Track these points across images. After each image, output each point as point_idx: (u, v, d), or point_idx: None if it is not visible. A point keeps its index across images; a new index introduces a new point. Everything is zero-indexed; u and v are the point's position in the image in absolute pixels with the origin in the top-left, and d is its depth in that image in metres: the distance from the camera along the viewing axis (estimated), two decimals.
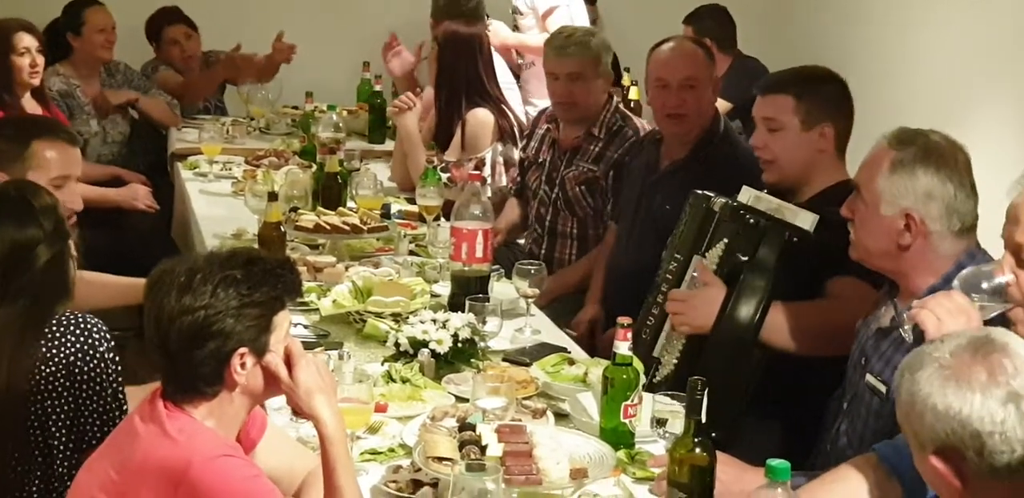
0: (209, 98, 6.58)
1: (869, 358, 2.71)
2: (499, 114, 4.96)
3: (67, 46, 5.78)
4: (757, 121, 3.38)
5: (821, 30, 6.46)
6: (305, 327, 3.36)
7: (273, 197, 3.91)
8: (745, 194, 3.21)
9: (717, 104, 4.54)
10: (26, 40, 4.93)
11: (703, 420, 2.22)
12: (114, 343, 2.68)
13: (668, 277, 3.26)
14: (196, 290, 2.10)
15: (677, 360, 3.17)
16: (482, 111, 4.94)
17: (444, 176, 4.58)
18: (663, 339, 3.23)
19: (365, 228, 4.06)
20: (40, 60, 4.97)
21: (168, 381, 2.16)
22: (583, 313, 4.18)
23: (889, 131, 2.73)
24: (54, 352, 2.61)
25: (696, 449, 2.21)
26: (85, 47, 5.80)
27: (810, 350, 3.06)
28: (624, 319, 2.68)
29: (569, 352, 3.25)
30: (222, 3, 6.90)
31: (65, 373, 2.61)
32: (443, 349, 3.07)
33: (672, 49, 4.01)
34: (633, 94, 6.17)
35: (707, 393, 2.23)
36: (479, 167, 3.81)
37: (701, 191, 3.25)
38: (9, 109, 4.82)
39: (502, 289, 3.61)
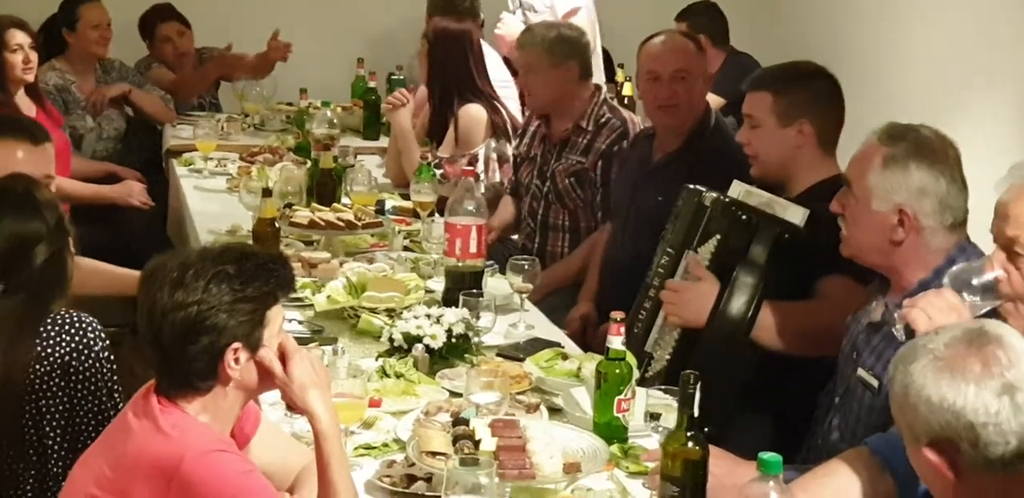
0: (204, 94, 6.58)
1: (861, 352, 2.72)
2: (492, 110, 4.97)
3: (63, 42, 5.79)
4: (744, 117, 3.41)
5: (813, 26, 6.46)
6: (299, 323, 3.36)
7: (268, 193, 3.92)
8: (736, 188, 3.22)
9: (711, 100, 4.55)
10: (18, 37, 4.93)
11: (696, 414, 2.22)
12: (109, 342, 2.68)
13: (660, 271, 3.27)
14: (189, 285, 2.10)
15: (670, 356, 3.18)
16: (475, 107, 4.95)
17: (437, 172, 4.59)
18: (655, 334, 3.24)
19: (359, 224, 4.06)
20: (33, 57, 4.97)
21: (161, 376, 2.16)
22: (575, 310, 4.18)
23: (879, 126, 2.74)
24: (49, 351, 2.61)
25: (689, 443, 2.21)
26: (80, 43, 5.81)
27: (799, 350, 3.08)
28: (617, 314, 2.69)
29: (563, 347, 3.25)
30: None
31: (60, 372, 2.61)
32: (437, 344, 3.07)
33: (663, 42, 4.04)
34: (627, 90, 6.17)
35: (699, 388, 2.23)
36: (472, 163, 3.80)
37: (693, 186, 3.26)
38: (2, 106, 4.83)
39: (496, 284, 3.61)
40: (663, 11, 6.28)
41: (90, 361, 2.63)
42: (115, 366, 2.69)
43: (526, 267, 3.44)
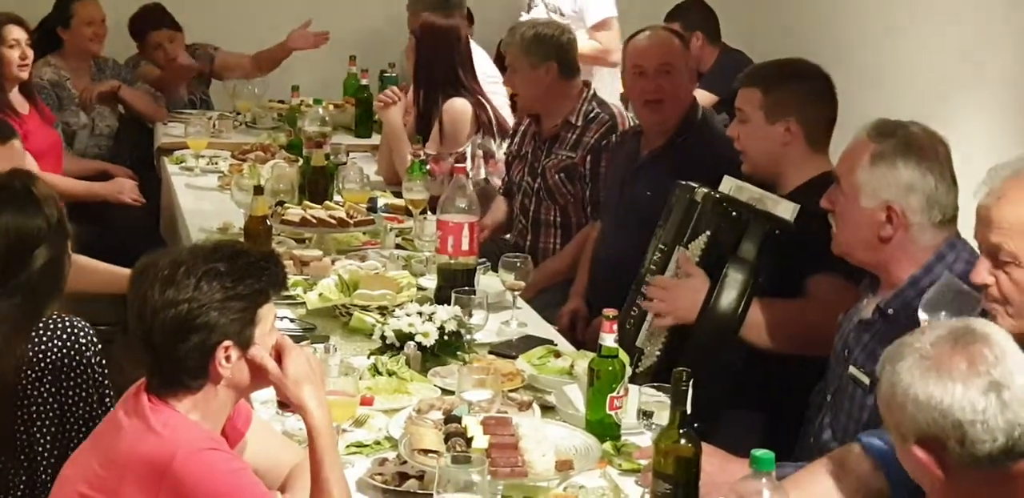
0: (194, 91, 6.56)
1: (852, 350, 2.72)
2: (477, 105, 4.93)
3: (58, 40, 5.79)
4: (736, 111, 3.42)
5: (806, 23, 6.46)
6: (291, 320, 3.36)
7: (259, 191, 3.91)
8: (727, 184, 3.22)
9: (703, 96, 4.55)
10: (15, 32, 4.93)
11: (688, 411, 2.22)
12: (101, 346, 2.66)
13: (652, 268, 3.27)
14: (180, 283, 2.09)
15: (660, 352, 3.18)
16: (460, 101, 4.90)
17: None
18: (646, 329, 3.23)
19: (351, 222, 4.06)
20: (29, 53, 4.97)
21: (152, 374, 2.15)
22: (565, 306, 4.19)
23: (868, 122, 2.73)
24: (40, 356, 2.59)
25: (681, 440, 2.21)
26: (74, 40, 5.82)
27: (788, 349, 3.08)
28: (610, 311, 2.69)
29: (555, 344, 3.25)
30: None
31: (51, 378, 2.60)
32: (429, 342, 3.07)
33: (647, 37, 4.06)
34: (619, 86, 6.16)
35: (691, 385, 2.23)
36: (461, 160, 3.80)
37: (685, 182, 3.27)
38: None
39: (488, 282, 3.61)
40: (655, 9, 6.26)
41: (81, 367, 2.62)
42: (107, 370, 2.67)
43: (518, 265, 3.44)
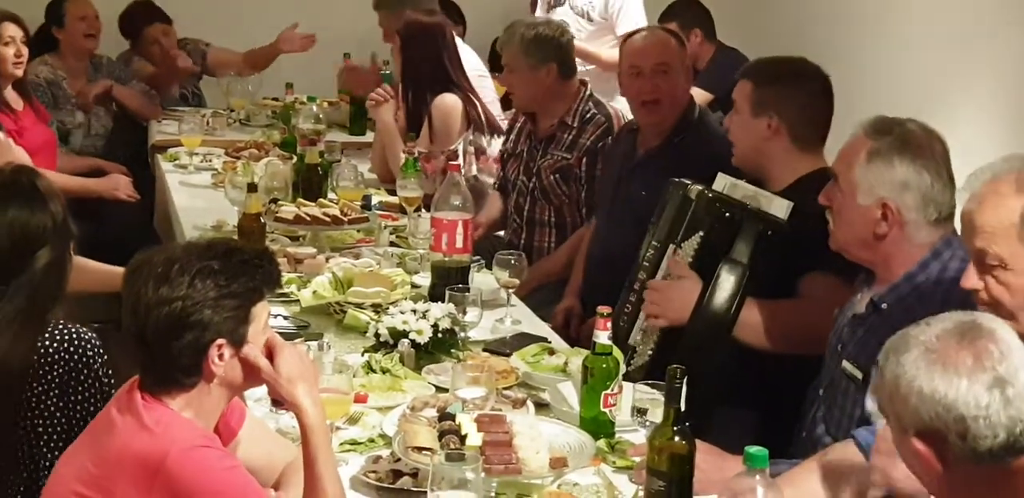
0: (185, 85, 6.56)
1: (846, 345, 2.72)
2: (466, 101, 4.91)
3: (54, 41, 5.79)
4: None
5: (801, 20, 6.46)
6: (285, 318, 3.36)
7: (253, 189, 3.91)
8: (721, 182, 3.22)
9: (698, 95, 4.54)
10: (10, 30, 4.93)
11: (682, 409, 2.22)
12: (107, 356, 2.63)
13: (645, 265, 3.28)
14: (173, 281, 2.09)
15: (652, 351, 3.18)
16: (450, 97, 4.87)
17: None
18: (639, 327, 3.23)
19: (345, 219, 4.06)
20: (24, 51, 4.97)
21: (145, 372, 2.15)
22: (560, 304, 4.18)
23: (865, 120, 2.74)
24: (47, 369, 2.57)
25: (675, 438, 2.21)
26: (69, 38, 5.83)
27: (783, 349, 3.08)
28: (604, 308, 2.69)
29: (549, 342, 3.25)
30: None
31: (58, 392, 2.58)
32: (423, 339, 3.07)
33: (644, 37, 4.06)
34: None
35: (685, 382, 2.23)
36: (453, 158, 3.79)
37: (679, 179, 3.27)
38: None
39: (482, 279, 3.61)
40: (648, 7, 6.26)
41: (89, 380, 2.59)
42: (113, 380, 2.65)
43: (512, 262, 3.44)
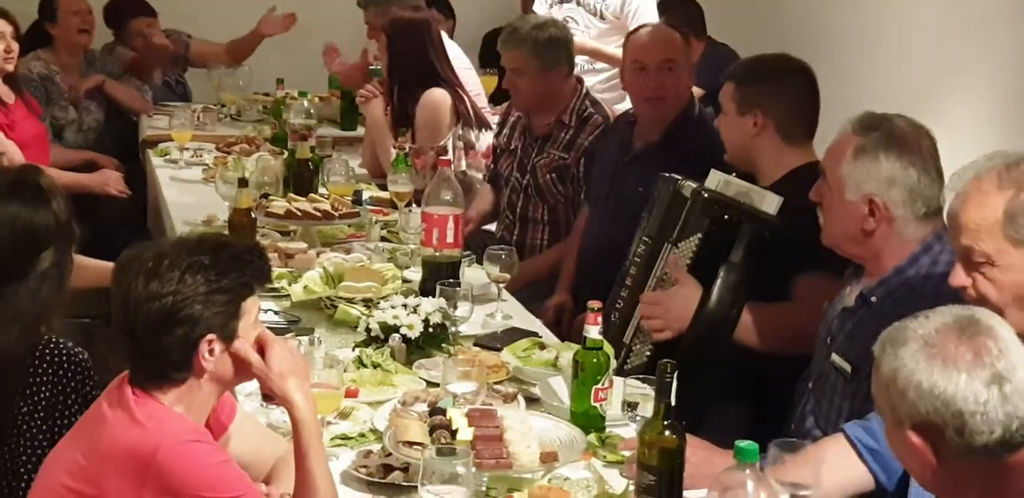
0: (169, 73, 6.54)
1: (835, 338, 2.73)
2: (455, 96, 4.87)
3: (48, 38, 5.78)
4: None
5: (792, 16, 6.46)
6: (276, 313, 3.35)
7: (244, 184, 3.90)
8: (714, 178, 3.22)
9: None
10: (1, 25, 4.90)
11: (673, 403, 2.22)
12: (97, 377, 2.59)
13: (636, 260, 3.28)
14: (164, 276, 2.09)
15: (650, 352, 3.17)
16: (438, 92, 4.82)
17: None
18: (634, 325, 3.22)
19: (336, 214, 4.05)
20: (15, 46, 4.95)
21: (136, 367, 2.15)
22: (551, 299, 4.18)
23: (854, 116, 2.74)
24: (34, 389, 2.55)
25: (666, 432, 2.21)
26: (63, 34, 5.81)
27: (782, 350, 3.09)
28: (595, 303, 2.69)
29: (540, 337, 3.25)
30: None
31: (43, 415, 2.55)
32: (414, 334, 3.07)
33: (650, 33, 4.04)
34: None
35: (680, 385, 2.23)
36: (443, 153, 3.79)
37: (669, 174, 3.27)
38: None
39: (473, 274, 3.60)
40: None
41: (76, 406, 2.56)
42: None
43: (503, 257, 3.44)
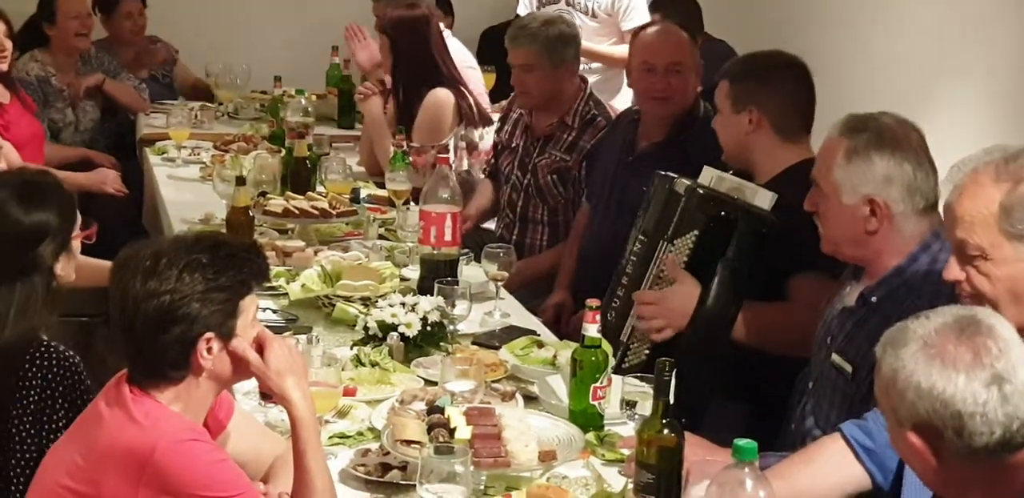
0: (155, 67, 6.54)
1: (835, 337, 2.73)
2: (458, 95, 4.86)
3: (44, 37, 5.77)
4: None
5: (793, 15, 6.46)
6: (274, 311, 3.35)
7: (241, 182, 3.90)
8: (707, 174, 3.23)
9: None
10: None
11: (671, 401, 2.22)
12: (89, 382, 2.59)
13: (632, 259, 3.27)
14: (161, 274, 2.09)
15: (648, 351, 3.17)
16: (442, 92, 4.81)
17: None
18: (631, 324, 3.22)
19: (334, 212, 4.05)
20: (8, 45, 4.93)
21: (133, 366, 2.15)
22: (550, 298, 4.18)
23: (839, 120, 2.74)
24: (24, 392, 2.54)
25: (664, 430, 2.21)
26: (60, 35, 5.79)
27: (779, 350, 3.09)
28: (593, 301, 2.69)
29: (538, 335, 3.25)
30: None
31: (32, 419, 2.54)
32: (412, 332, 3.07)
33: (658, 33, 4.02)
34: None
35: (679, 383, 2.23)
36: (444, 152, 3.78)
37: (664, 172, 3.27)
38: None
39: (471, 272, 3.59)
40: None
41: (63, 411, 2.55)
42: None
43: (501, 255, 3.44)
